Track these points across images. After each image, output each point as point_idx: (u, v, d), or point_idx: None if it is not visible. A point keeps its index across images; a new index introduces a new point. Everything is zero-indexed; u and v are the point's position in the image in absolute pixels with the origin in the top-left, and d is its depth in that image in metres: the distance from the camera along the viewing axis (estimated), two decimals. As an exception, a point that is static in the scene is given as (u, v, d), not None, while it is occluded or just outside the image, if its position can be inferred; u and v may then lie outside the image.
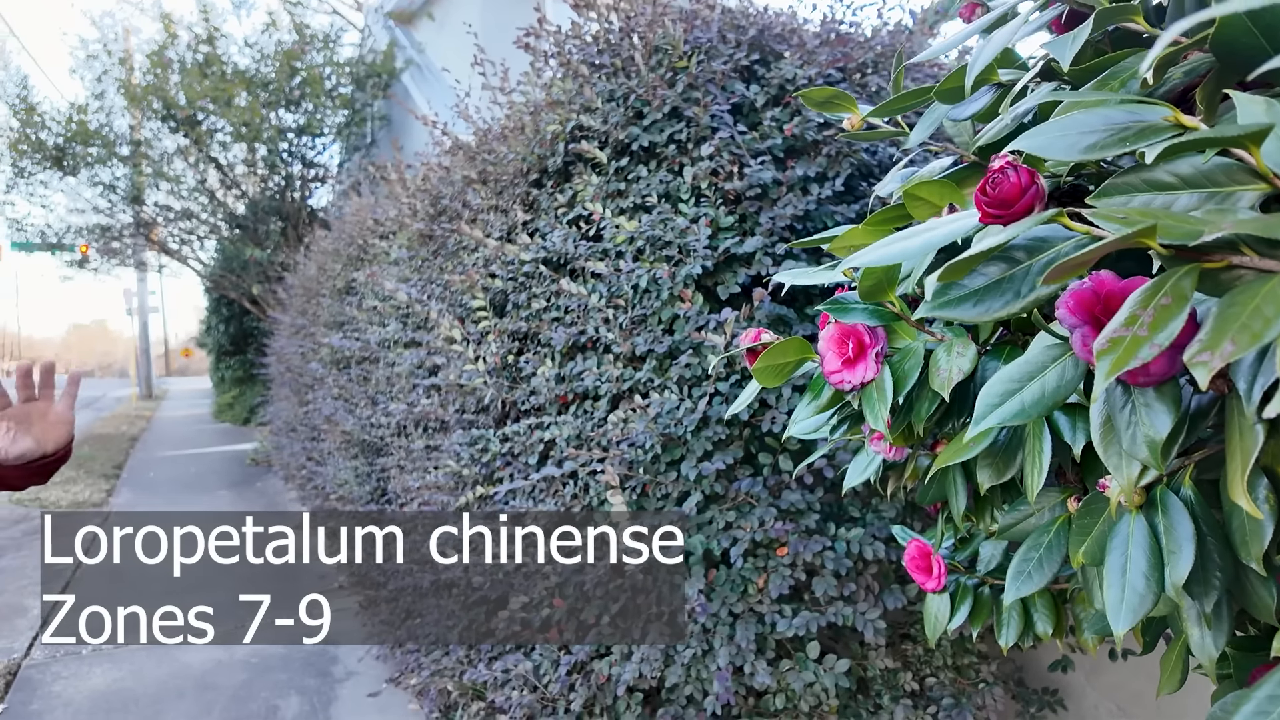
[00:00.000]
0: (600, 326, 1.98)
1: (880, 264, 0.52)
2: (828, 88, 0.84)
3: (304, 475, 5.54)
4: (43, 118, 9.80)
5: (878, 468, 0.96)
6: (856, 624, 1.74)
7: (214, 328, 13.62)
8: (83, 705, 3.21)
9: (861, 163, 1.94)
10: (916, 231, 0.51)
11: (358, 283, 4.07)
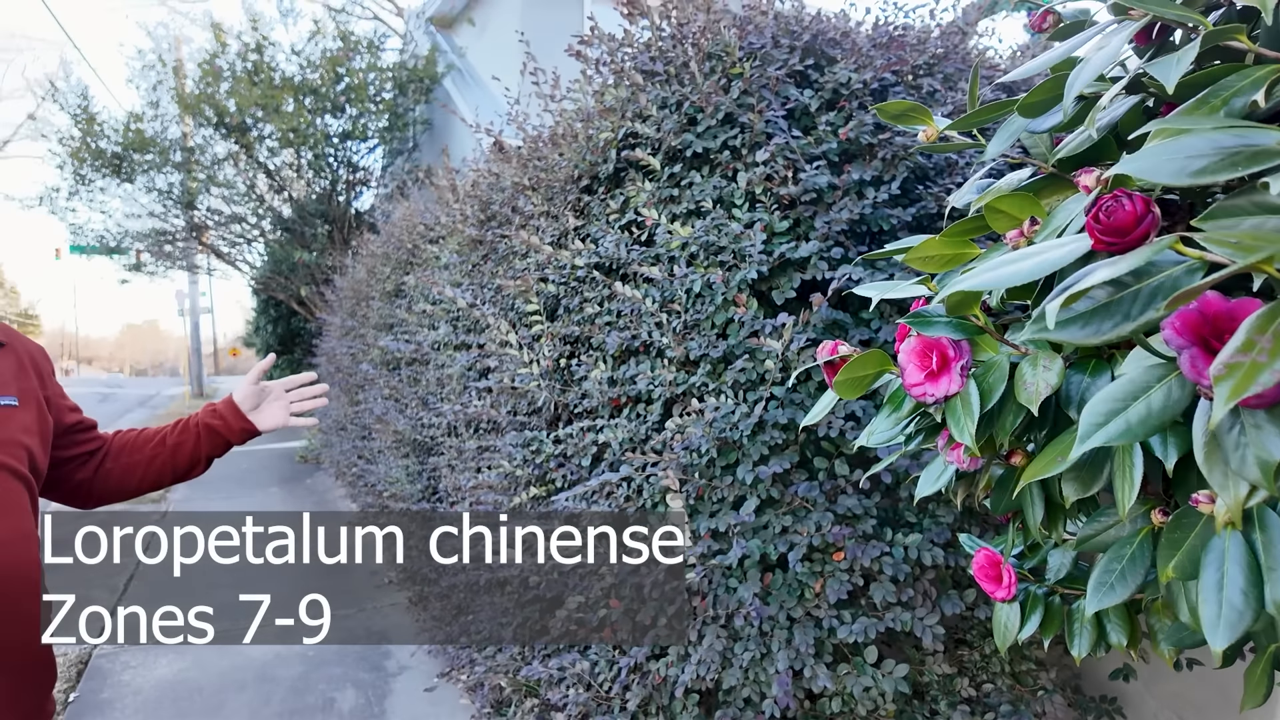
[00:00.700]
0: (653, 331, 2.00)
1: (991, 287, 0.53)
2: (903, 101, 0.85)
3: (354, 473, 5.68)
4: (102, 127, 10.18)
5: (950, 477, 0.97)
6: (915, 629, 1.74)
7: (262, 328, 14.00)
8: (150, 694, 3.35)
9: (917, 166, 1.93)
10: (1026, 254, 0.52)
11: (408, 286, 4.16)
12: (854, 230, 1.87)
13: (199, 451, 1.43)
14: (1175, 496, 0.70)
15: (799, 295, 1.81)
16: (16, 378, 1.22)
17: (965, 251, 0.84)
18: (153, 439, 1.41)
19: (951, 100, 2.07)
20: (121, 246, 11.17)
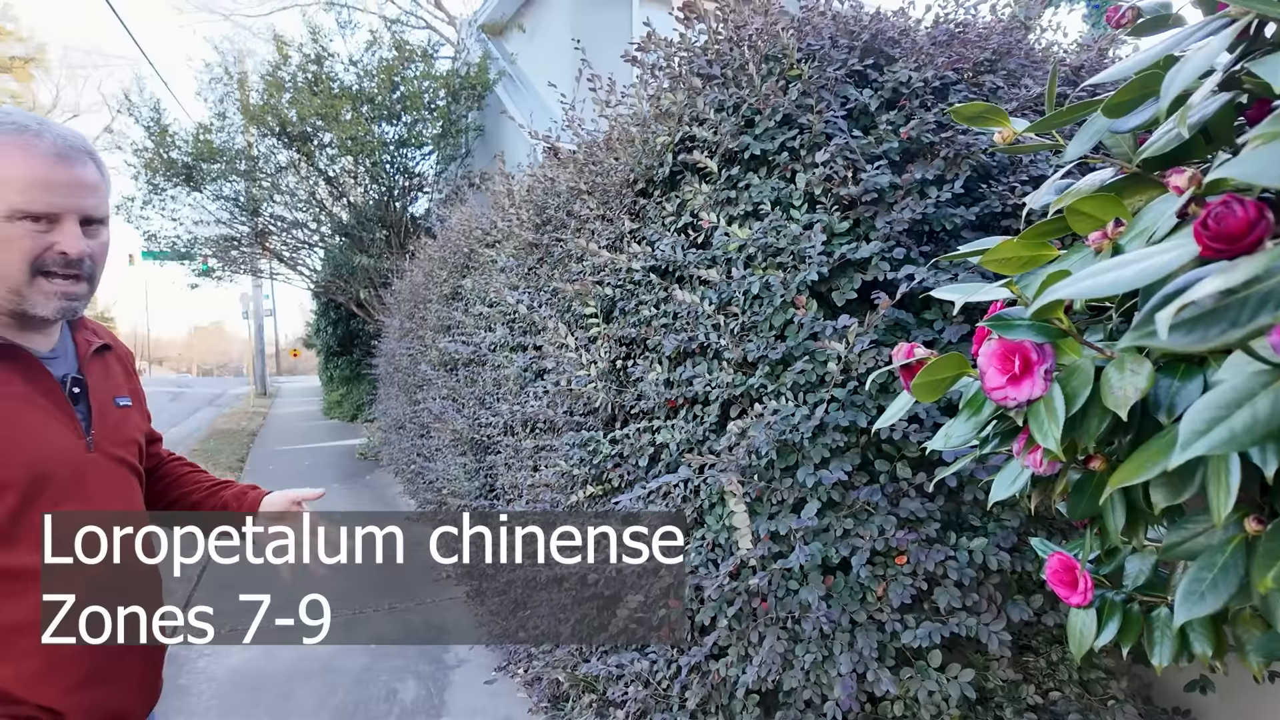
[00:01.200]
0: (710, 333, 2.01)
1: (1092, 295, 0.53)
2: (979, 103, 0.84)
3: (413, 470, 5.83)
4: (173, 138, 10.64)
5: (1025, 482, 0.96)
6: (980, 635, 1.71)
7: (323, 330, 14.47)
8: (225, 681, 3.50)
9: (980, 164, 1.90)
10: (1128, 261, 0.52)
11: (465, 289, 4.25)
12: (916, 230, 1.85)
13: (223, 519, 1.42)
14: (1274, 504, 0.68)
15: (860, 296, 1.80)
16: (126, 379, 1.29)
17: (1043, 253, 0.83)
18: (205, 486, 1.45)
19: (1014, 97, 2.03)
20: (191, 252, 11.66)
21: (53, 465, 1.07)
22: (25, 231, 1.01)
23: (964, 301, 0.75)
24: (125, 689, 1.14)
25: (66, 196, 1.04)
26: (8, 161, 1.01)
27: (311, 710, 3.21)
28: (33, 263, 1.03)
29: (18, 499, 1.02)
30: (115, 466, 1.18)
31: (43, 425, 1.07)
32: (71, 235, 1.04)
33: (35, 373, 1.09)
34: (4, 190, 1.01)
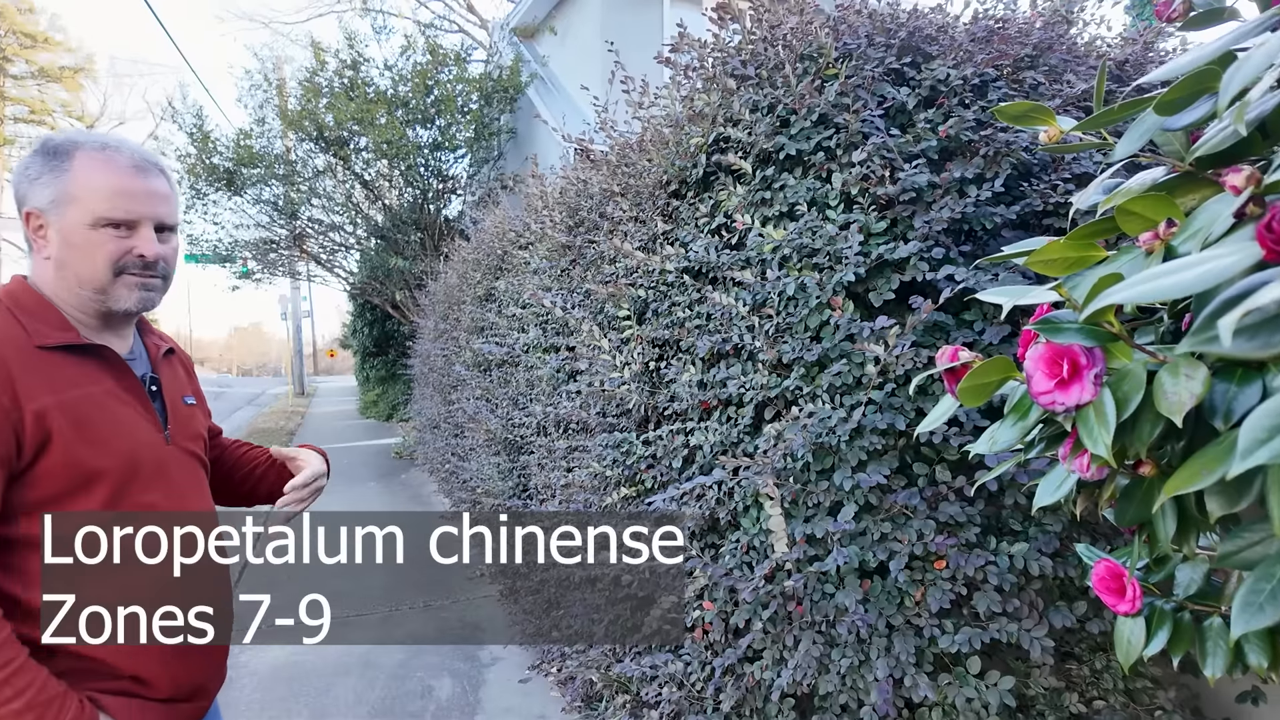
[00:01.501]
0: (744, 334, 2.01)
1: (1150, 299, 0.52)
2: (1023, 103, 0.83)
3: (448, 470, 5.90)
4: (215, 144, 10.91)
5: (1071, 487, 0.94)
6: (1021, 641, 1.68)
7: (359, 331, 14.72)
8: (266, 675, 3.58)
9: (1021, 162, 1.86)
10: (1186, 264, 0.51)
11: (498, 290, 4.29)
12: (954, 229, 1.82)
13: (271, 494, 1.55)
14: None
15: (898, 297, 1.78)
16: (189, 380, 1.42)
17: (1091, 254, 0.82)
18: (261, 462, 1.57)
19: (1056, 93, 1.99)
20: (231, 255, 11.94)
21: (141, 455, 1.18)
22: (108, 237, 1.14)
23: (1010, 305, 0.74)
24: (206, 666, 1.26)
25: (143, 205, 1.16)
26: (92, 175, 1.14)
27: (349, 705, 3.26)
28: (114, 265, 1.15)
29: (114, 485, 1.13)
30: (188, 459, 1.29)
31: (132, 419, 1.19)
32: (148, 240, 1.17)
33: (121, 372, 1.20)
34: (89, 201, 1.13)
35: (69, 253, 1.15)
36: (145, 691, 1.17)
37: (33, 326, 1.13)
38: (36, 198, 1.15)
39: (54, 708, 1.05)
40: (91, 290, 1.16)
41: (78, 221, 1.13)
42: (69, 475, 1.10)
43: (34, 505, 1.09)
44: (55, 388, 1.11)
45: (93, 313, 1.19)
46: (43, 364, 1.11)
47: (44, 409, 1.07)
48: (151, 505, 1.19)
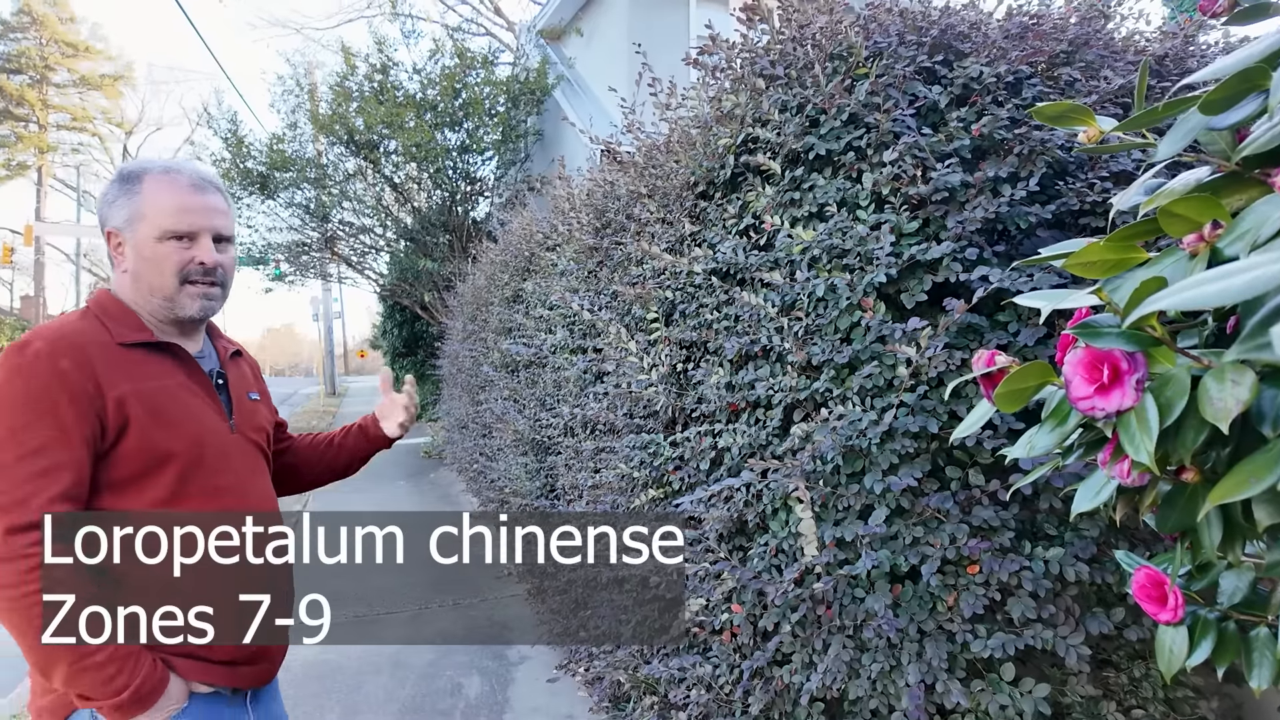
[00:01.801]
0: (773, 336, 2.00)
1: (1196, 305, 0.51)
2: (1062, 103, 0.81)
3: (476, 469, 5.95)
4: (249, 149, 11.13)
5: (1111, 493, 0.92)
6: (1056, 648, 1.65)
7: (389, 332, 14.90)
8: (298, 672, 3.64)
9: (1056, 160, 1.83)
10: (1236, 269, 0.50)
11: (526, 292, 4.32)
12: (988, 229, 1.80)
13: (353, 454, 1.73)
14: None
15: (931, 298, 1.76)
16: (255, 379, 1.57)
17: (1131, 256, 0.80)
18: (323, 442, 1.75)
19: (1093, 89, 1.95)
20: (264, 257, 12.16)
21: (207, 440, 1.32)
22: (173, 249, 1.30)
23: (1049, 309, 0.72)
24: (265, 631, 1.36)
25: (201, 218, 1.32)
26: (158, 195, 1.30)
27: (380, 703, 3.31)
28: (179, 273, 1.30)
29: (183, 466, 1.27)
30: (251, 447, 1.43)
31: (200, 408, 1.33)
32: (206, 249, 1.32)
33: (191, 367, 1.35)
34: (156, 217, 1.30)
35: (141, 265, 1.30)
36: (208, 654, 1.28)
37: (114, 328, 1.28)
38: (115, 218, 1.31)
39: (131, 661, 1.18)
40: (161, 298, 1.31)
41: (147, 236, 1.29)
42: (144, 456, 1.23)
43: (116, 483, 1.22)
44: (133, 378, 1.24)
45: (165, 318, 1.33)
46: (123, 359, 1.25)
47: (123, 396, 1.21)
48: (216, 486, 1.31)
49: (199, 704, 1.28)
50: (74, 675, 1.15)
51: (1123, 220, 0.95)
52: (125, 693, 1.16)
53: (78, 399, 1.18)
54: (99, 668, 1.15)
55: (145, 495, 1.24)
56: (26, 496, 1.13)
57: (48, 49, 44.16)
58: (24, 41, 43.80)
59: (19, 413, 1.16)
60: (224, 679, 1.32)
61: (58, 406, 1.17)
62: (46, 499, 1.14)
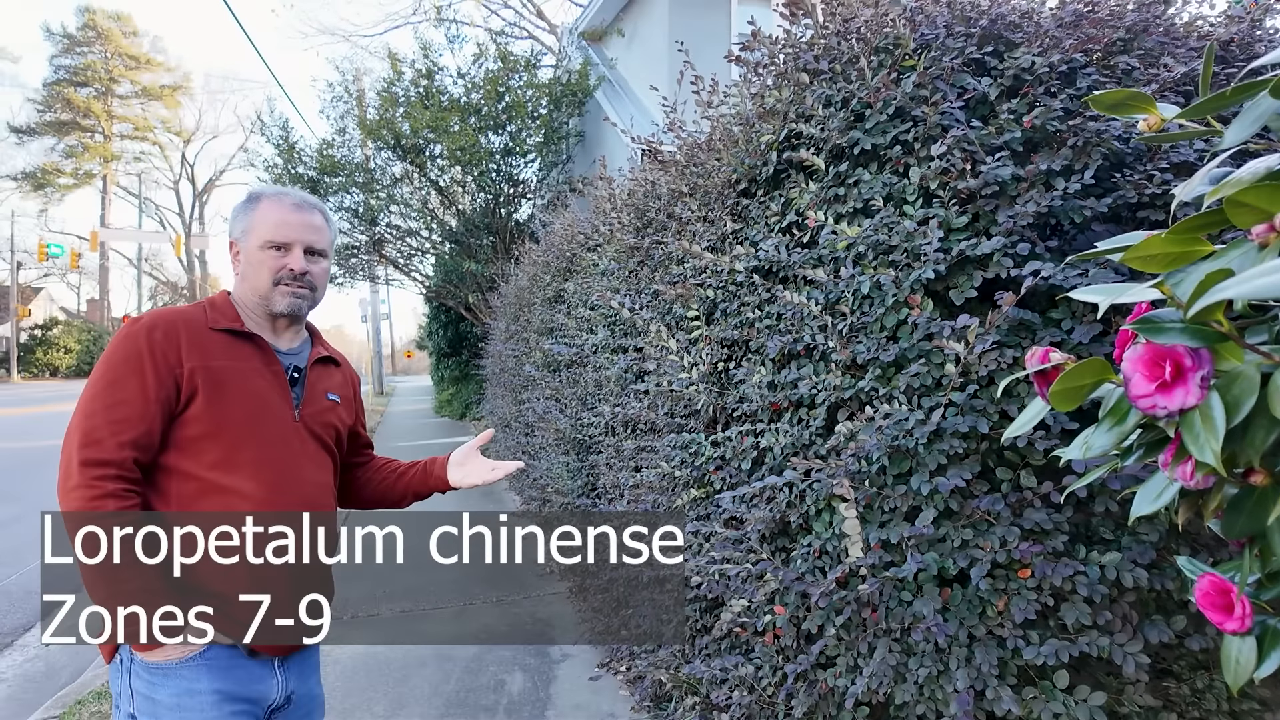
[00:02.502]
0: (816, 334, 1.97)
1: (1265, 295, 0.49)
2: (1120, 91, 0.79)
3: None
4: (300, 154, 11.45)
5: (1173, 496, 0.89)
6: (1114, 656, 1.60)
7: (434, 333, 15.16)
8: (347, 664, 3.72)
9: (1112, 152, 1.77)
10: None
11: (567, 292, 4.35)
12: (1041, 224, 1.74)
13: (409, 488, 1.86)
14: None
15: (980, 295, 1.72)
16: (341, 387, 1.71)
17: (1195, 249, 0.77)
18: (391, 471, 1.88)
19: (1152, 78, 1.88)
20: (316, 261, 12.46)
21: (265, 420, 1.47)
22: (270, 256, 1.51)
23: (1107, 304, 0.70)
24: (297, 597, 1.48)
25: (295, 232, 1.52)
26: (267, 212, 1.53)
27: (426, 696, 3.37)
28: (273, 276, 1.51)
29: (235, 436, 1.42)
30: (313, 440, 1.57)
31: (265, 391, 1.49)
32: (297, 258, 1.52)
33: (268, 357, 1.53)
34: (261, 230, 1.51)
35: (248, 268, 1.52)
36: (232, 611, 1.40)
37: (213, 315, 1.49)
38: (235, 230, 1.54)
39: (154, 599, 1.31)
40: (259, 296, 1.52)
41: (254, 245, 1.51)
42: (205, 422, 1.40)
43: (181, 442, 1.40)
44: (209, 356, 1.43)
45: (262, 314, 1.54)
46: (208, 339, 1.45)
47: (195, 368, 1.40)
48: (265, 461, 1.46)
49: (220, 651, 1.40)
50: (108, 598, 1.29)
51: (1185, 212, 0.91)
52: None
53: (159, 366, 1.38)
54: (126, 596, 1.29)
55: (203, 458, 1.41)
56: (103, 438, 1.32)
57: (112, 62, 46.13)
58: (90, 55, 45.84)
59: (113, 370, 1.37)
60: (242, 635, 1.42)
61: (143, 368, 1.36)
62: (117, 443, 1.32)
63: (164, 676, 1.36)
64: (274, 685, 1.49)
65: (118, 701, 1.40)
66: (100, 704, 3.33)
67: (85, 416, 1.34)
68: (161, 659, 1.36)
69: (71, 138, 45.68)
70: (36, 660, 4.17)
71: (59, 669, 4.05)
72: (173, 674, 1.37)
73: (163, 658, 1.35)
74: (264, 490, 1.45)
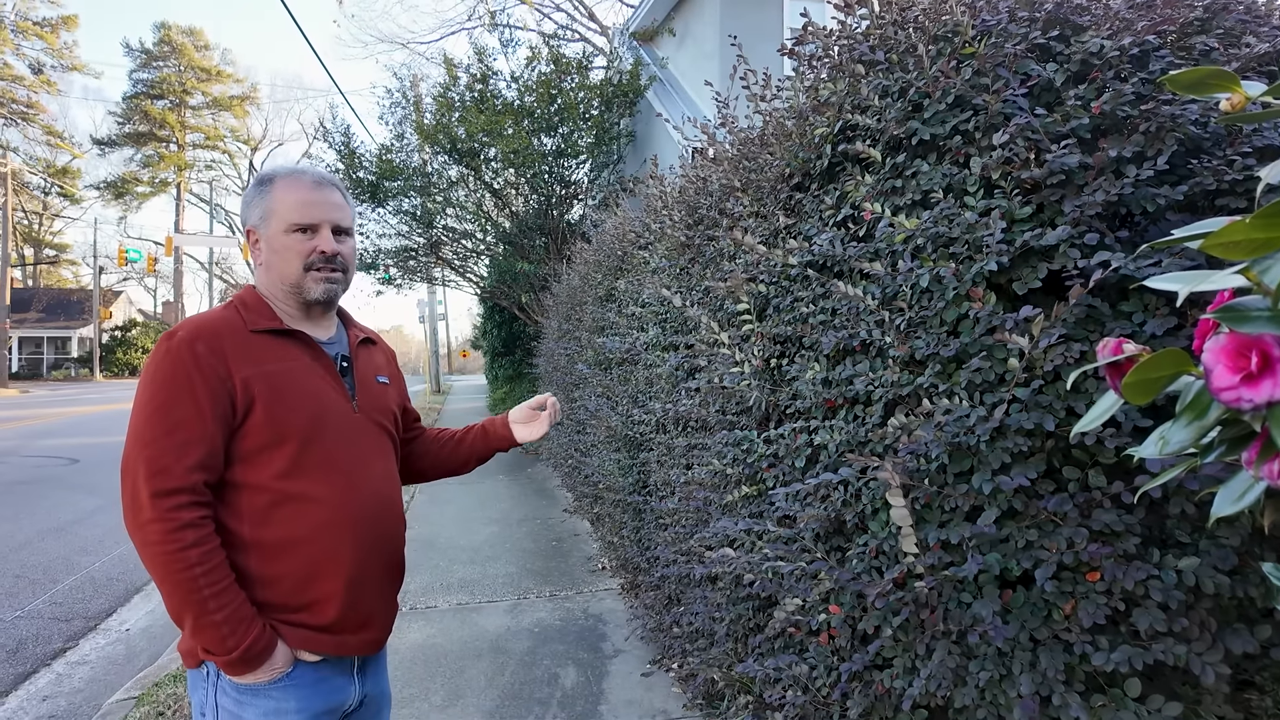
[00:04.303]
0: (873, 329, 1.93)
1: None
2: (1200, 68, 0.75)
3: (570, 465, 6.07)
4: (360, 160, 11.77)
5: (1258, 496, 0.84)
6: (1190, 665, 1.52)
7: (488, 332, 15.42)
8: (406, 654, 3.82)
9: (1189, 136, 1.68)
10: None
11: (618, 290, 4.37)
12: (1110, 213, 1.67)
13: (471, 452, 1.86)
14: None
15: (1045, 287, 1.66)
16: (387, 366, 1.68)
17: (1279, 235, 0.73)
18: (447, 438, 1.86)
19: (1232, 57, 1.78)
20: (375, 263, 12.82)
21: (327, 418, 1.43)
22: (298, 240, 1.44)
23: (1186, 292, 0.67)
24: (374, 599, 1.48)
25: (321, 211, 1.46)
26: (285, 193, 1.45)
27: (482, 688, 3.43)
28: (304, 261, 1.44)
29: (301, 440, 1.38)
30: (375, 427, 1.54)
31: (321, 389, 1.45)
32: (326, 239, 1.46)
33: (315, 352, 1.48)
34: (284, 212, 1.44)
35: (273, 256, 1.45)
36: (308, 620, 1.39)
37: (249, 317, 1.42)
38: (252, 217, 1.47)
39: (244, 624, 1.29)
40: (290, 284, 1.45)
41: (277, 230, 1.44)
42: (268, 431, 1.35)
43: (245, 455, 1.35)
44: (259, 361, 1.38)
45: (295, 305, 1.48)
46: (252, 344, 1.39)
47: (249, 377, 1.35)
48: (334, 461, 1.42)
49: (305, 670, 1.39)
50: (196, 629, 1.27)
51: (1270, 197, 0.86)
52: (236, 652, 1.28)
53: (210, 380, 1.31)
54: (216, 626, 1.26)
55: (270, 467, 1.36)
56: (169, 465, 1.27)
57: (185, 75, 48.32)
58: (165, 69, 48.12)
59: (162, 391, 1.30)
60: (330, 647, 1.41)
61: (194, 387, 1.30)
62: (184, 468, 1.28)
63: (253, 696, 1.34)
64: (352, 692, 1.49)
65: (201, 710, 1.38)
66: (175, 686, 3.49)
67: (144, 445, 1.27)
68: (251, 681, 1.33)
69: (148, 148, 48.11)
70: (118, 644, 4.41)
71: (138, 653, 4.27)
72: (261, 694, 1.35)
73: (252, 680, 1.33)
74: (336, 492, 1.40)
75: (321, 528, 1.39)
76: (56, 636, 4.41)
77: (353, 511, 1.43)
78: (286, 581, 1.37)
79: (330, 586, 1.39)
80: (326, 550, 1.39)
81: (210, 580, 1.26)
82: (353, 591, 1.42)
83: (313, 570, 1.38)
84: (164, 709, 3.25)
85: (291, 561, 1.37)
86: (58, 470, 9.23)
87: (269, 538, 1.36)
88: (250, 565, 1.35)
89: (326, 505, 1.39)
